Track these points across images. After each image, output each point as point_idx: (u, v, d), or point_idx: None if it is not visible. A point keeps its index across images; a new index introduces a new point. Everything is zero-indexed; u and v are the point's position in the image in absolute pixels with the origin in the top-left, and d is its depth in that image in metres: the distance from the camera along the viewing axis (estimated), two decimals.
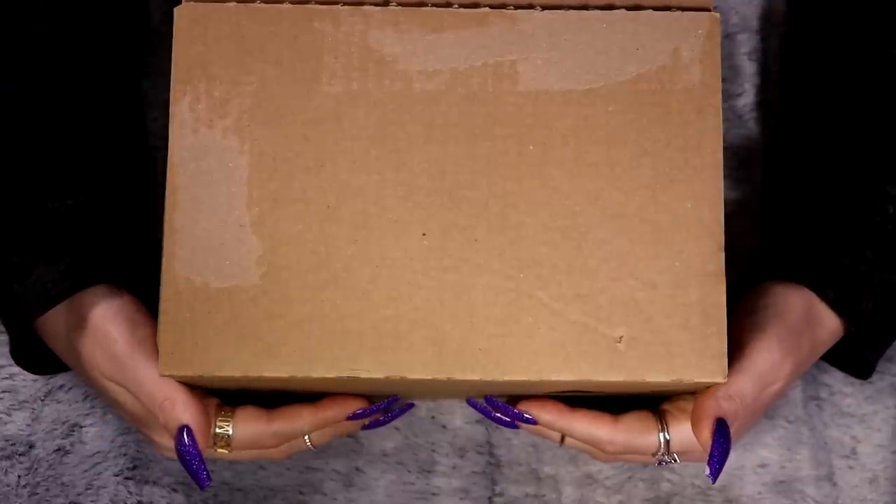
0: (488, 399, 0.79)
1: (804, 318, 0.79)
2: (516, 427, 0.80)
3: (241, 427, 0.76)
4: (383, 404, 0.79)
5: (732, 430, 0.75)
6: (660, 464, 0.78)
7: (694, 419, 0.75)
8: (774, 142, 0.87)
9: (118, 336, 0.75)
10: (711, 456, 0.74)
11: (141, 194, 0.83)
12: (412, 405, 0.82)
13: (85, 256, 0.76)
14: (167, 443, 0.78)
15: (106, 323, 0.76)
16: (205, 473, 0.74)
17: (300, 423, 0.77)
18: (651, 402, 0.79)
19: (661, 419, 0.77)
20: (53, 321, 0.77)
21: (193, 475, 0.75)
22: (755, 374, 0.76)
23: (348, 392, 0.78)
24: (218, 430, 0.76)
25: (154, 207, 0.84)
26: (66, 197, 0.77)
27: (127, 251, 0.80)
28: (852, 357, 0.83)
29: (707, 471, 0.74)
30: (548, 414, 0.78)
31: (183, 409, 0.74)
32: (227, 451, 0.77)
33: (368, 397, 0.79)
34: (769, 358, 0.76)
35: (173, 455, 0.79)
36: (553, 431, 0.79)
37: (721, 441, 0.74)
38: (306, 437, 0.79)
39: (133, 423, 0.80)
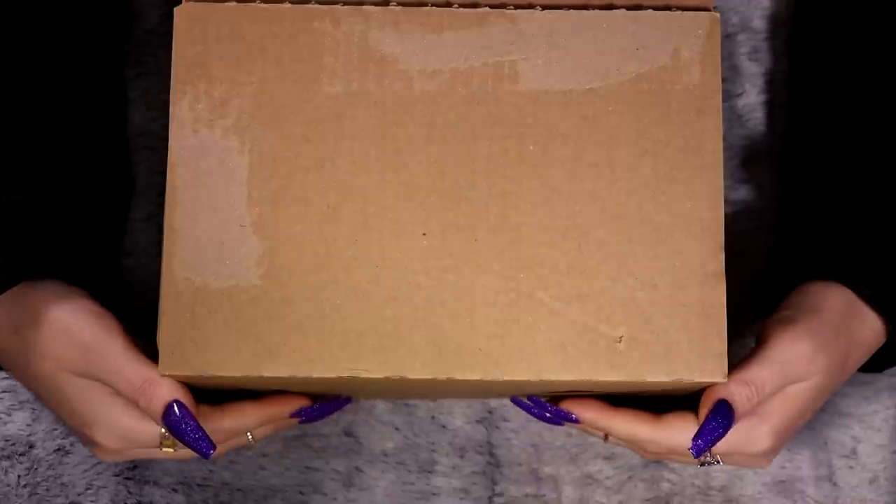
0: (532, 398, 0.79)
1: (843, 314, 0.77)
2: (561, 424, 0.80)
3: None
4: (327, 402, 0.78)
5: (749, 419, 0.74)
6: (702, 465, 0.78)
7: (702, 400, 0.74)
8: (788, 145, 0.87)
9: (84, 326, 0.74)
10: (701, 428, 0.74)
11: (111, 193, 0.83)
12: (349, 400, 0.81)
13: (30, 251, 0.76)
14: (111, 444, 0.76)
15: (67, 315, 0.75)
16: (207, 441, 0.73)
17: (244, 420, 0.77)
18: (695, 403, 0.78)
19: None
20: None
21: (195, 445, 0.73)
22: (775, 362, 0.75)
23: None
24: (163, 429, 0.75)
25: (126, 207, 0.83)
26: (16, 192, 0.77)
27: (85, 249, 0.79)
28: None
29: (690, 444, 0.74)
30: (590, 412, 0.77)
31: (169, 389, 0.73)
32: (172, 450, 0.76)
33: (311, 395, 0.78)
34: (793, 347, 0.75)
35: (112, 459, 0.78)
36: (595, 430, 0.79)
37: (716, 416, 0.73)
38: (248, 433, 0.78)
39: (72, 423, 0.77)
